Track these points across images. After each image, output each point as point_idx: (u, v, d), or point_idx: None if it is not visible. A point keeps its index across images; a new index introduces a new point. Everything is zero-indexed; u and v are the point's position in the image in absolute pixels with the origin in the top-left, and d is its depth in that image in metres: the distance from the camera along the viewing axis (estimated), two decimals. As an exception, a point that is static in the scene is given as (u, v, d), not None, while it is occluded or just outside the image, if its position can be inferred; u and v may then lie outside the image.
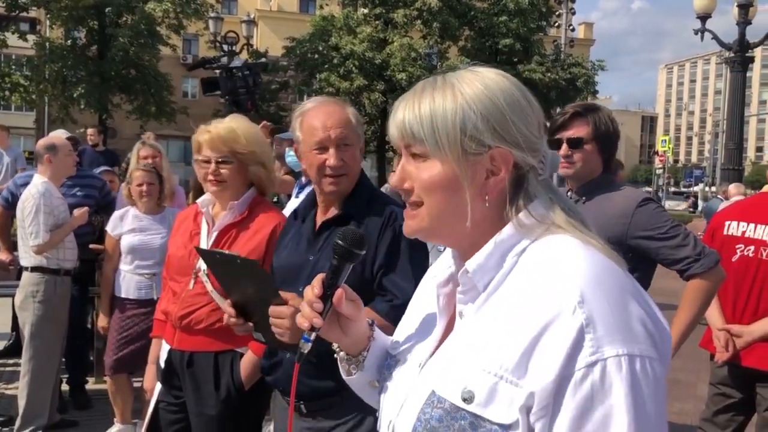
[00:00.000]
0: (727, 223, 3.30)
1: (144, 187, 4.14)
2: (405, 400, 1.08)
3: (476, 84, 1.02)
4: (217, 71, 4.67)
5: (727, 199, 9.46)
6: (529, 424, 0.90)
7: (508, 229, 1.02)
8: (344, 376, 1.26)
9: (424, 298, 1.22)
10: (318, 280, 1.15)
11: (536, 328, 0.90)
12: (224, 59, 3.91)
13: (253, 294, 1.90)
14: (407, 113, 1.04)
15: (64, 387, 4.87)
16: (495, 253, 1.01)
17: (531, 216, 1.02)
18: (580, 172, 2.51)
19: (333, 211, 2.11)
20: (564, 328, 0.88)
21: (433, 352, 1.09)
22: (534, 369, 0.89)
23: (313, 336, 1.15)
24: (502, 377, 0.91)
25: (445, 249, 1.18)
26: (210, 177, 2.46)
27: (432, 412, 0.98)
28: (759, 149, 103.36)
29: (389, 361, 1.20)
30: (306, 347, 1.15)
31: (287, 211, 3.20)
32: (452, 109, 1.00)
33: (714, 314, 3.25)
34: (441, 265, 1.18)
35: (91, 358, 5.31)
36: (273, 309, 1.66)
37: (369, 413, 1.89)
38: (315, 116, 2.06)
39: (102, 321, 4.32)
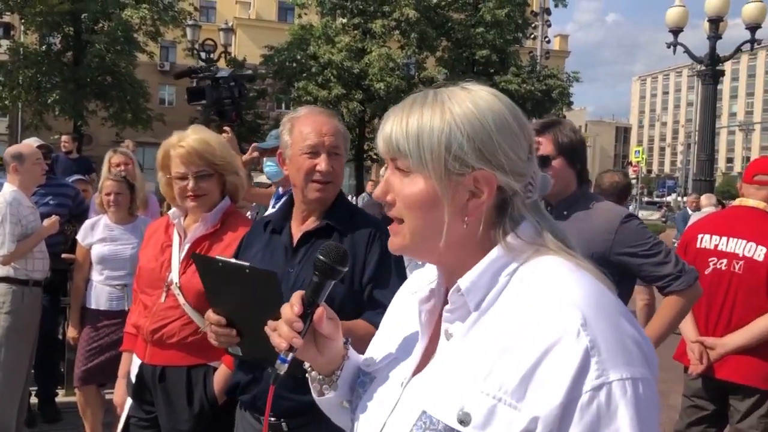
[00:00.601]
0: (700, 236, 3.33)
1: (112, 197, 4.10)
2: (388, 419, 1.05)
3: (467, 103, 1.01)
4: (195, 81, 4.63)
5: (698, 209, 9.59)
6: None
7: (497, 251, 1.01)
8: (315, 396, 1.23)
9: (400, 314, 1.20)
10: (297, 297, 1.12)
11: (538, 351, 0.89)
12: (211, 69, 3.89)
13: (247, 306, 1.80)
14: (395, 127, 1.03)
15: (33, 399, 4.77)
16: (487, 273, 1.00)
17: (519, 238, 1.01)
18: (554, 190, 2.50)
19: (313, 222, 2.08)
20: (569, 352, 0.87)
21: (416, 370, 1.07)
22: (537, 393, 0.88)
23: (290, 357, 1.10)
24: (501, 399, 0.90)
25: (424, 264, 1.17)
26: (189, 193, 2.41)
27: None
28: (729, 160, 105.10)
29: (363, 379, 1.17)
30: (282, 368, 1.10)
31: None
32: (439, 127, 0.99)
33: (688, 327, 3.28)
34: (420, 280, 1.17)
35: (62, 370, 5.22)
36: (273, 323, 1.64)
37: None
38: (308, 122, 2.05)
39: (72, 332, 4.25)
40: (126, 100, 23.82)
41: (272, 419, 1.99)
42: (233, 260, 2.05)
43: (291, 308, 1.11)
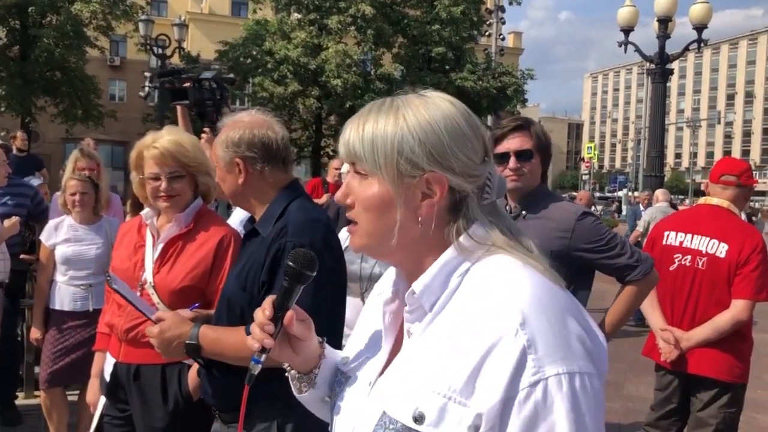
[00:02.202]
0: (666, 233, 3.47)
1: (77, 197, 4.04)
2: (356, 422, 1.10)
3: (420, 109, 1.06)
4: (149, 78, 4.60)
5: (650, 206, 9.87)
6: None
7: (450, 252, 1.06)
8: (296, 394, 1.28)
9: (371, 316, 1.25)
10: (269, 302, 1.15)
11: (481, 350, 0.94)
12: (194, 70, 3.87)
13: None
14: (352, 133, 1.08)
15: (-7, 403, 4.69)
16: (440, 275, 1.05)
17: (471, 238, 1.06)
18: (526, 185, 2.58)
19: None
20: (507, 351, 0.92)
21: (382, 371, 1.11)
22: (480, 390, 0.93)
23: (263, 358, 1.14)
24: (451, 398, 0.95)
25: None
26: (162, 194, 2.44)
27: None
28: (677, 155, 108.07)
29: (339, 378, 1.22)
30: (256, 369, 1.15)
31: (233, 219, 3.20)
32: (392, 132, 1.04)
33: (656, 318, 3.42)
34: (386, 282, 1.22)
35: (21, 373, 5.13)
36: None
37: (280, 424, 1.93)
38: None
39: (35, 333, 4.17)
40: (76, 96, 23.27)
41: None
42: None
43: (263, 312, 1.14)
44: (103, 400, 2.58)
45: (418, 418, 0.97)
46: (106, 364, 2.59)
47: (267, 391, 1.26)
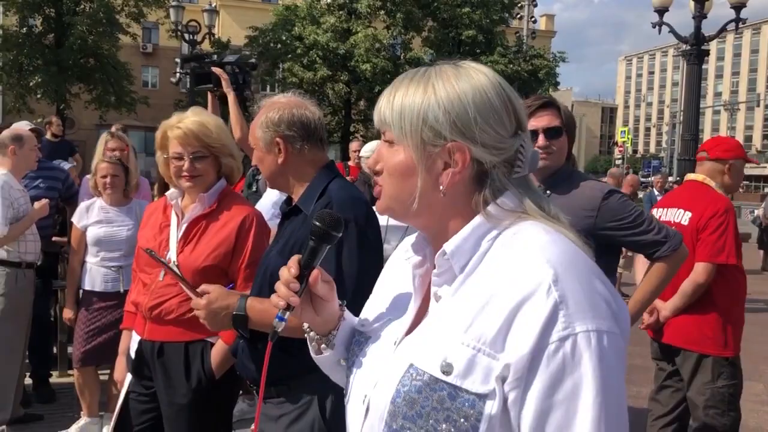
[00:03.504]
0: (654, 210, 3.62)
1: (108, 179, 4.10)
2: (381, 375, 1.11)
3: (451, 80, 1.08)
4: (180, 65, 4.65)
5: (665, 189, 9.72)
6: (504, 394, 0.97)
7: (479, 218, 1.08)
8: (313, 355, 1.30)
9: (394, 278, 1.28)
10: (294, 261, 1.18)
11: (513, 305, 0.97)
12: (218, 54, 3.93)
13: None
14: (384, 101, 1.12)
15: (28, 381, 4.80)
16: (470, 238, 1.07)
17: (500, 207, 1.08)
18: (554, 162, 2.55)
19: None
20: (539, 305, 0.95)
21: (409, 330, 1.14)
22: (511, 342, 0.96)
23: (287, 315, 1.17)
24: (480, 350, 0.98)
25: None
26: (185, 173, 2.46)
27: (411, 383, 1.03)
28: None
29: (358, 338, 1.24)
30: (280, 326, 1.18)
31: (265, 201, 3.21)
32: (419, 101, 1.07)
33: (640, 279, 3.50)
34: (412, 246, 1.23)
35: (54, 352, 5.25)
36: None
37: (312, 406, 1.96)
38: None
39: (68, 313, 4.27)
40: (109, 83, 23.61)
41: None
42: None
43: (288, 270, 1.17)
44: (129, 377, 2.62)
45: (446, 369, 0.99)
46: (132, 342, 2.63)
47: (310, 364, 1.30)
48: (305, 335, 1.30)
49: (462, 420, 0.98)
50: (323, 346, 1.27)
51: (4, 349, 4.11)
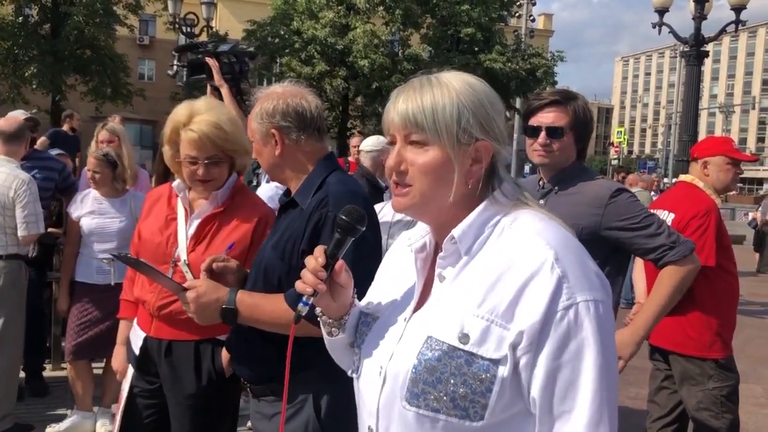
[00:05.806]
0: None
1: (91, 175, 4.09)
2: (396, 348, 1.23)
3: (465, 86, 1.22)
4: (177, 57, 4.56)
5: (659, 189, 9.73)
6: (515, 358, 1.13)
7: (484, 205, 1.24)
8: (326, 338, 1.41)
9: (394, 265, 1.42)
10: (320, 250, 1.30)
11: (521, 282, 1.13)
12: (211, 45, 3.79)
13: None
14: (410, 104, 1.21)
15: (21, 374, 4.73)
16: (475, 224, 1.23)
17: (503, 195, 1.25)
18: (556, 162, 2.51)
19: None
20: (545, 280, 1.12)
21: (416, 308, 1.26)
22: (521, 313, 1.12)
23: (311, 300, 1.29)
24: (493, 321, 1.14)
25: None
26: (199, 178, 2.37)
27: (430, 353, 1.17)
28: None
29: (365, 319, 1.37)
30: (304, 310, 1.30)
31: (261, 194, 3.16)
32: (450, 104, 1.20)
33: (639, 289, 3.54)
34: (415, 235, 1.36)
35: (48, 344, 5.20)
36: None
37: (307, 405, 1.95)
38: None
39: (62, 304, 4.23)
40: (106, 75, 23.43)
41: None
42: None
43: (315, 259, 1.29)
44: (131, 371, 2.53)
45: (463, 339, 1.14)
46: (134, 336, 2.53)
47: (307, 361, 1.32)
48: (318, 318, 1.40)
49: (477, 383, 1.13)
50: (335, 329, 1.39)
51: (11, 340, 4.03)
